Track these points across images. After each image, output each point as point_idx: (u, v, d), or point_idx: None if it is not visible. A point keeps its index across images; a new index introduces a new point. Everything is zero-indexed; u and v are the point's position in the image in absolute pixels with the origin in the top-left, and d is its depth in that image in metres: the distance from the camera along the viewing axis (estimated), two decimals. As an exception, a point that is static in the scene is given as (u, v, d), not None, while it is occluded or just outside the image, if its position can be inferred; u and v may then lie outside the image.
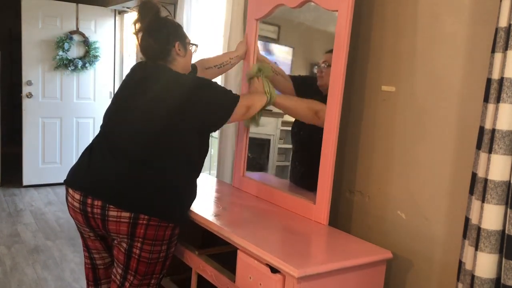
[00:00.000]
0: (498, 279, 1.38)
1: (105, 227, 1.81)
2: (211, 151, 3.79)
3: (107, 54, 5.48)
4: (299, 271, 1.47)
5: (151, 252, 1.83)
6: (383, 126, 1.94)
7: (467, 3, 1.62)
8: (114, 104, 1.98)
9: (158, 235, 1.82)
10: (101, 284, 2.09)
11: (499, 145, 1.33)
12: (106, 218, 1.79)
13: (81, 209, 1.83)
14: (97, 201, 1.79)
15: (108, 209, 1.77)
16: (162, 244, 1.85)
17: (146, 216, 1.77)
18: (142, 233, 1.79)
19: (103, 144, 1.89)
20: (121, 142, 1.85)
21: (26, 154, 5.17)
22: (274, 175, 2.50)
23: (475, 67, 1.60)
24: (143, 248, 1.82)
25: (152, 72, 1.94)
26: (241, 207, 2.20)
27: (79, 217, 1.86)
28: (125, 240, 1.82)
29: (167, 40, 1.95)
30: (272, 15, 2.30)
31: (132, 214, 1.77)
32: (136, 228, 1.78)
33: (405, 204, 1.85)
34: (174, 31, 1.99)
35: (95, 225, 1.84)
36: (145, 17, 1.94)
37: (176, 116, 1.82)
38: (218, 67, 2.31)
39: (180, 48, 1.98)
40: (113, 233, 1.83)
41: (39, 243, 3.72)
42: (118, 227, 1.79)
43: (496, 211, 1.35)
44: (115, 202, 1.77)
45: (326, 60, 2.14)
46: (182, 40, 2.00)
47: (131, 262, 1.84)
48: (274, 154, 2.51)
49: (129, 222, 1.78)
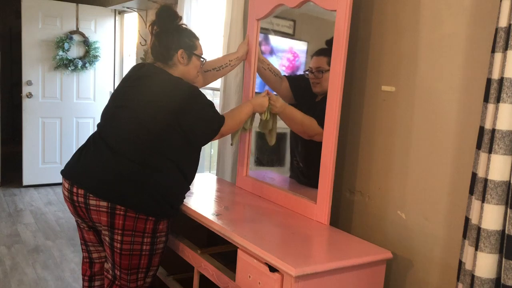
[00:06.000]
0: (498, 279, 1.38)
1: (89, 216, 1.89)
2: (210, 151, 3.80)
3: (107, 54, 5.48)
4: (297, 270, 1.48)
5: (132, 243, 1.87)
6: (383, 126, 1.94)
7: (467, 3, 1.62)
8: (109, 103, 2.05)
9: (137, 226, 1.86)
10: (94, 280, 2.15)
11: (499, 145, 1.33)
12: (88, 207, 1.87)
13: (69, 198, 1.93)
14: (80, 190, 1.88)
15: (89, 197, 1.86)
16: (144, 237, 1.89)
17: (122, 207, 1.83)
18: (120, 224, 1.84)
19: (96, 139, 1.97)
20: (112, 138, 1.91)
21: (26, 154, 5.16)
22: (283, 170, 2.51)
23: (475, 67, 1.60)
24: (123, 240, 1.86)
25: (147, 73, 2.00)
26: (243, 206, 2.21)
27: (70, 206, 1.96)
28: (107, 233, 1.88)
29: (172, 45, 2.00)
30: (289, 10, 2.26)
31: (109, 204, 1.83)
32: (114, 218, 1.84)
33: (405, 204, 1.85)
34: (183, 39, 2.03)
35: (82, 214, 1.93)
36: (160, 21, 2.02)
37: (163, 121, 1.87)
38: (216, 70, 2.33)
39: (183, 56, 2.02)
40: (96, 223, 1.91)
41: (39, 243, 3.72)
42: (99, 216, 1.86)
43: (496, 211, 1.35)
44: (93, 191, 1.85)
45: (319, 66, 2.14)
46: (189, 49, 2.03)
47: (114, 257, 1.90)
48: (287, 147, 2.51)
49: (107, 211, 1.84)
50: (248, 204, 2.21)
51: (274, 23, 2.40)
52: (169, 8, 2.06)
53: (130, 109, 1.92)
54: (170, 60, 2.01)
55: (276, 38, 2.48)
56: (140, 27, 4.95)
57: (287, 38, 2.50)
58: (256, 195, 2.31)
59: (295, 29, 2.42)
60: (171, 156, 1.91)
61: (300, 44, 2.44)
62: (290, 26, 2.42)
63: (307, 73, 2.21)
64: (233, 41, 2.72)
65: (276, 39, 2.49)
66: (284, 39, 2.50)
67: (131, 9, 4.93)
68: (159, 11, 2.03)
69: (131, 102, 1.93)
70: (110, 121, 1.98)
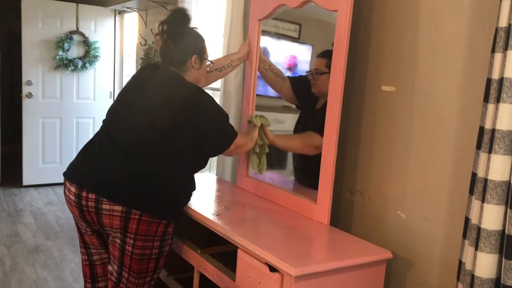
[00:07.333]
0: (498, 279, 1.38)
1: (99, 220, 1.85)
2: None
3: (107, 54, 5.48)
4: (297, 270, 1.48)
5: (143, 248, 1.86)
6: (383, 126, 1.94)
7: (467, 3, 1.62)
8: (118, 101, 2.02)
9: (150, 230, 1.84)
10: (98, 282, 2.11)
11: (499, 145, 1.33)
12: (100, 211, 1.82)
13: (76, 202, 1.87)
14: (91, 194, 1.82)
15: (101, 202, 1.81)
16: (154, 240, 1.87)
17: (138, 211, 1.80)
18: (134, 229, 1.82)
19: (102, 139, 1.92)
20: (121, 139, 1.88)
21: (26, 154, 5.16)
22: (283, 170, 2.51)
23: (475, 67, 1.60)
24: (135, 244, 1.84)
25: (164, 77, 1.97)
26: (243, 206, 2.21)
27: (75, 211, 1.90)
28: (119, 236, 1.85)
29: (187, 50, 1.98)
30: (293, 13, 2.27)
31: (125, 208, 1.80)
32: (128, 222, 1.81)
33: (405, 204, 1.85)
34: (196, 43, 2.03)
35: (90, 218, 1.87)
36: (174, 23, 1.98)
37: (176, 126, 1.84)
38: (219, 70, 2.33)
39: (196, 61, 2.01)
40: (107, 227, 1.86)
41: (39, 243, 3.72)
42: (111, 220, 1.82)
43: (496, 211, 1.35)
44: (107, 196, 1.80)
45: (317, 67, 2.15)
46: (201, 54, 2.03)
47: (124, 259, 1.87)
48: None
49: (121, 216, 1.81)
50: (248, 204, 2.21)
51: (280, 26, 2.40)
52: (184, 10, 2.04)
53: (143, 112, 1.88)
54: (184, 65, 1.99)
55: (281, 41, 2.48)
56: (140, 27, 4.95)
57: (292, 42, 2.49)
58: (256, 195, 2.31)
59: (300, 32, 2.42)
60: (182, 159, 1.89)
61: (304, 47, 2.44)
62: (295, 29, 2.42)
63: (309, 74, 2.22)
64: (233, 41, 2.72)
65: (281, 42, 2.48)
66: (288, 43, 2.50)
67: (131, 9, 4.93)
68: (176, 12, 2.00)
69: (145, 105, 1.89)
70: (119, 121, 1.94)
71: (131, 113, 1.92)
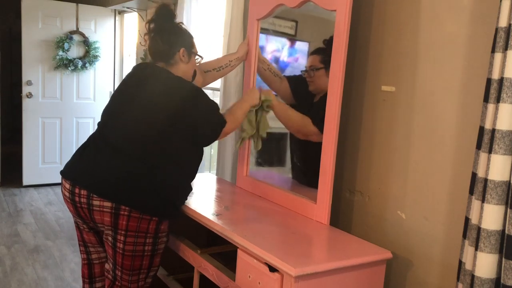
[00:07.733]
0: (498, 279, 1.38)
1: (92, 217, 1.87)
2: (210, 151, 3.80)
3: (107, 54, 5.47)
4: (296, 270, 1.48)
5: (135, 244, 1.87)
6: (383, 126, 1.94)
7: (467, 3, 1.62)
8: (111, 102, 2.04)
9: (141, 227, 1.86)
10: (95, 282, 2.13)
11: (499, 145, 1.33)
12: (91, 207, 1.85)
13: (70, 199, 1.90)
14: (83, 191, 1.86)
15: (92, 198, 1.84)
16: (146, 237, 1.89)
17: (127, 208, 1.82)
18: (124, 225, 1.83)
19: (97, 139, 1.96)
20: (115, 138, 1.91)
21: (26, 154, 5.16)
22: (283, 170, 2.50)
23: (475, 67, 1.60)
24: (126, 241, 1.86)
25: (151, 73, 1.99)
26: (243, 206, 2.21)
27: (70, 207, 1.93)
28: (110, 233, 1.87)
29: (174, 43, 2.00)
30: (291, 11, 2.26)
31: (114, 205, 1.82)
32: (118, 219, 1.83)
33: (405, 204, 1.85)
34: (183, 37, 2.05)
35: (83, 215, 1.91)
36: (160, 20, 2.01)
37: (167, 121, 1.86)
38: (217, 70, 2.34)
39: (184, 54, 2.03)
40: (99, 224, 1.89)
41: (39, 243, 3.72)
42: (102, 217, 1.85)
43: (496, 211, 1.35)
44: (97, 192, 1.84)
45: (312, 64, 2.16)
46: (189, 48, 2.05)
47: (116, 257, 1.89)
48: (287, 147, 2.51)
49: (111, 212, 1.83)
50: (248, 204, 2.21)
51: (276, 23, 2.40)
52: (169, 6, 2.07)
53: (134, 109, 1.92)
54: (171, 59, 2.01)
55: (278, 38, 2.48)
56: (140, 27, 4.95)
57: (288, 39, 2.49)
58: (256, 195, 2.31)
59: (296, 29, 2.42)
60: (174, 155, 1.91)
61: (301, 44, 2.44)
62: (292, 26, 2.42)
63: (304, 73, 2.22)
64: (233, 41, 2.72)
65: (277, 40, 2.48)
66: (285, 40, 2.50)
67: (131, 9, 4.93)
68: (160, 9, 2.03)
69: (135, 102, 1.93)
70: (112, 120, 1.97)
71: (123, 113, 1.95)
